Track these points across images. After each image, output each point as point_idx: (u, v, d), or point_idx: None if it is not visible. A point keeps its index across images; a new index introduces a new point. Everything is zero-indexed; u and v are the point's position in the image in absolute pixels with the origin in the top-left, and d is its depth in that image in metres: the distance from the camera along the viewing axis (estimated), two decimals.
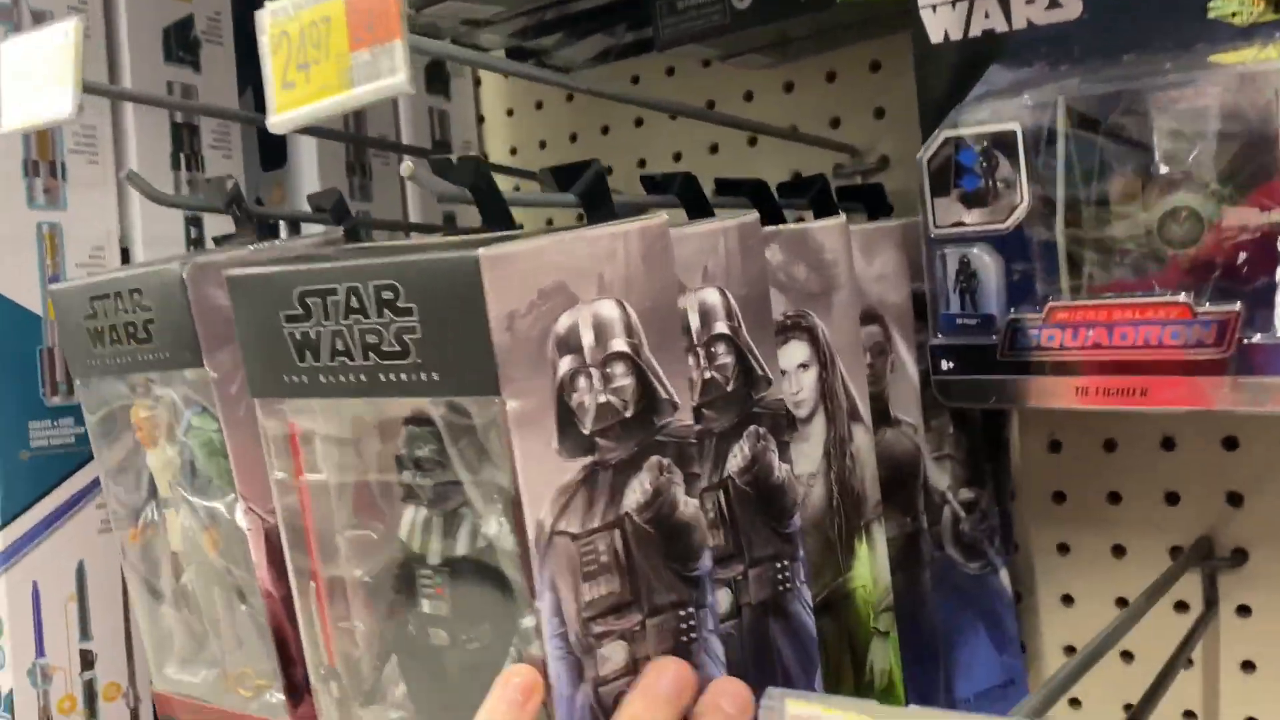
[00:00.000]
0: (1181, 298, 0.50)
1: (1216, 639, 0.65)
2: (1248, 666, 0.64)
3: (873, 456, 0.53)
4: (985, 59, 0.54)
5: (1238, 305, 0.48)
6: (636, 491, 0.40)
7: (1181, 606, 0.65)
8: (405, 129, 0.86)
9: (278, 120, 0.41)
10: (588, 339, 0.39)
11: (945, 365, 0.56)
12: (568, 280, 0.39)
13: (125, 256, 0.70)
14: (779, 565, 0.47)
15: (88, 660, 0.66)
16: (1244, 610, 0.64)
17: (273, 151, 0.82)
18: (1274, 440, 0.62)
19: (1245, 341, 0.48)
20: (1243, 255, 0.50)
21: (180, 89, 0.72)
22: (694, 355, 0.44)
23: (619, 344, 0.40)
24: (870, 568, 0.52)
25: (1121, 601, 0.67)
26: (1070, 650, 0.69)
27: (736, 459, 0.45)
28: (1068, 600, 0.69)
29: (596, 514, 0.39)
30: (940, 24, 0.56)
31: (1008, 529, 0.68)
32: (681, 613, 0.41)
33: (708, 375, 0.45)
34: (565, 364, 0.38)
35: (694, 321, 0.44)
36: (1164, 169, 0.52)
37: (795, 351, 0.50)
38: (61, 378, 0.65)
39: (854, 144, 0.75)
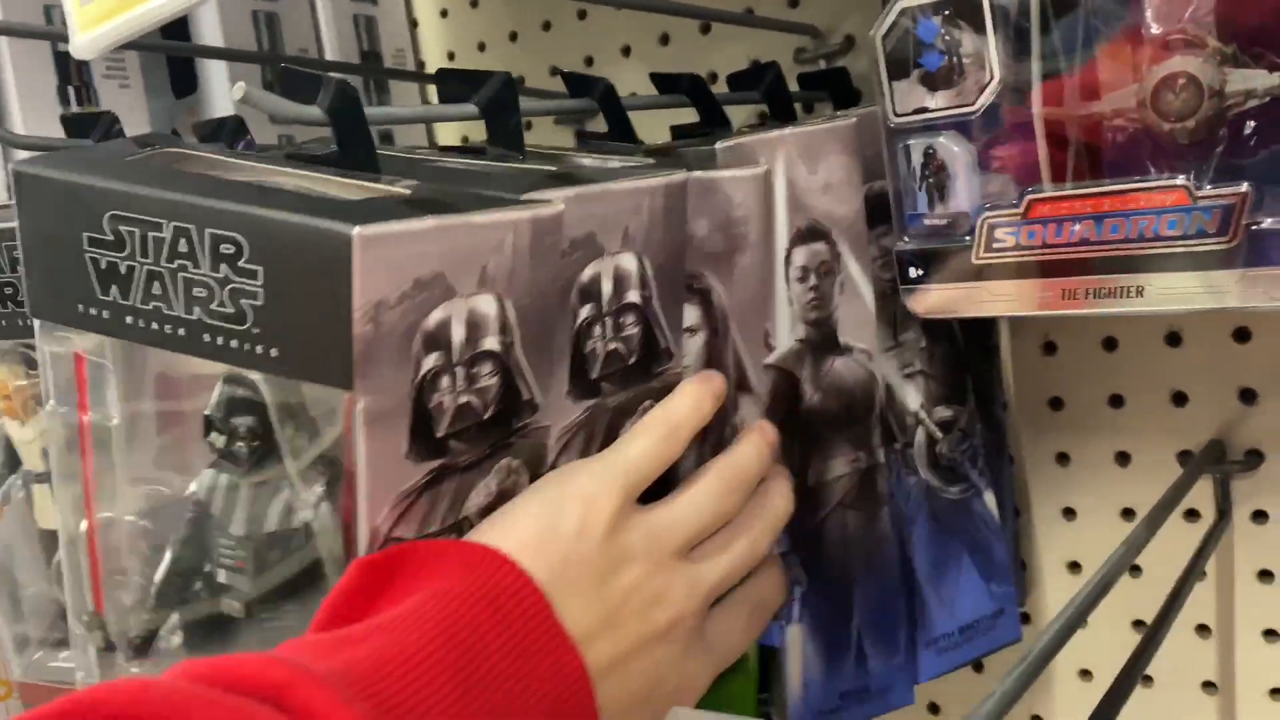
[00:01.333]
0: (1179, 180, 0.43)
1: (1230, 548, 0.59)
2: (1265, 575, 0.59)
3: None
4: None
5: (1244, 186, 0.41)
6: (481, 494, 0.36)
7: (1192, 515, 0.60)
8: (327, 41, 0.78)
9: (81, 42, 0.34)
10: (458, 336, 0.34)
11: (914, 273, 0.49)
12: (447, 271, 0.33)
13: None
14: None
15: None
16: (1260, 516, 0.58)
17: (183, 77, 0.75)
18: None
19: (1254, 228, 0.41)
20: (1250, 124, 0.43)
21: (61, 14, 0.65)
22: (600, 324, 0.40)
23: (490, 343, 0.35)
24: None
25: (1127, 513, 0.62)
26: (1074, 567, 0.64)
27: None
28: (1069, 514, 0.64)
29: (436, 518, 0.35)
30: None
31: (1000, 441, 0.62)
32: None
33: (612, 347, 0.40)
34: (429, 361, 0.34)
35: (606, 288, 0.40)
36: (1156, 29, 0.44)
37: (684, 315, 0.44)
38: None
39: (815, 24, 0.67)
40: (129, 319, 0.35)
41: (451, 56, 0.84)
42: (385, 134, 0.82)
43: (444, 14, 0.84)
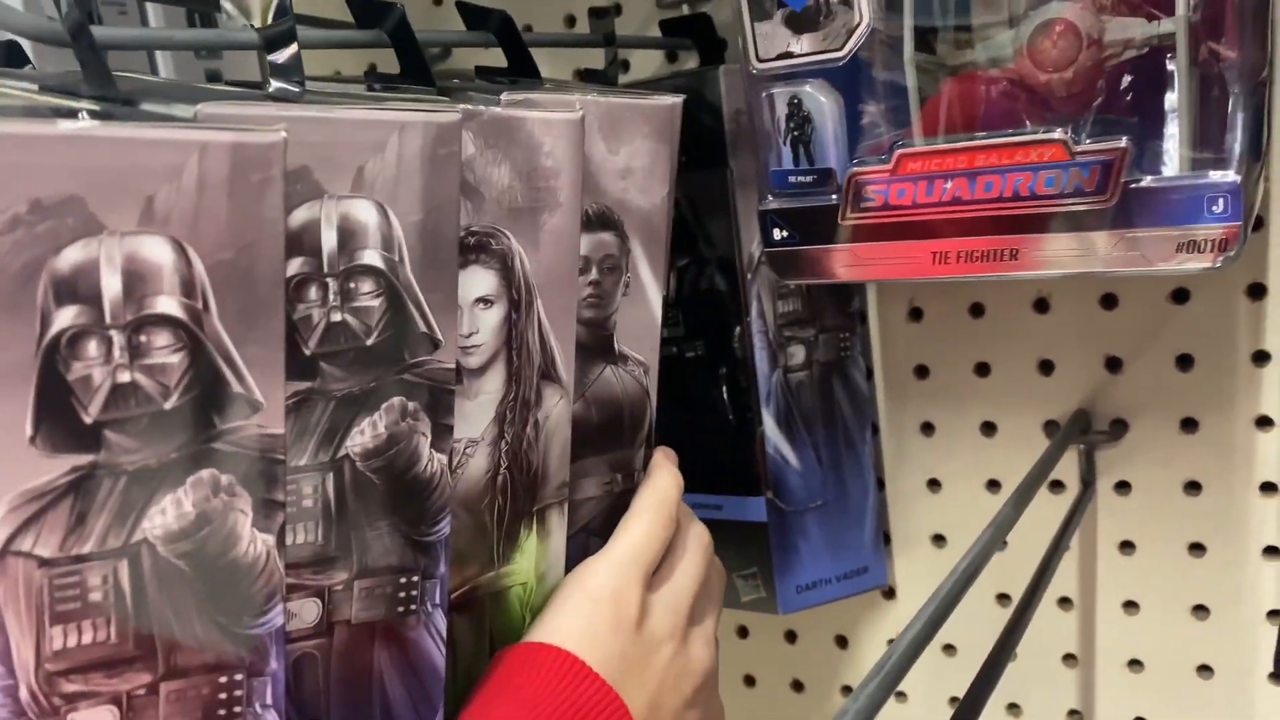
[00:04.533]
0: (1056, 134, 0.40)
1: (1094, 518, 0.58)
2: (1126, 547, 0.58)
3: (566, 428, 0.42)
4: None
5: (1124, 141, 0.39)
6: (168, 513, 0.29)
7: (1056, 486, 0.58)
8: None
9: None
10: (111, 287, 0.27)
11: (779, 234, 0.46)
12: (87, 196, 0.26)
13: None
14: (403, 581, 0.36)
15: None
16: (1123, 486, 0.57)
17: None
18: (1157, 295, 0.54)
19: (1132, 186, 0.39)
20: (1128, 77, 0.40)
21: None
22: (318, 287, 0.32)
23: (167, 305, 0.28)
24: (535, 562, 0.41)
25: (992, 484, 0.60)
26: (939, 539, 0.62)
27: (364, 435, 0.34)
28: (934, 485, 0.62)
29: (91, 535, 0.28)
30: None
31: (865, 410, 0.60)
32: (222, 679, 0.30)
33: (337, 318, 0.33)
34: (64, 317, 0.27)
35: (327, 240, 0.32)
36: None
37: (475, 282, 0.37)
38: None
39: None
40: None
41: None
42: (213, 74, 0.75)
43: None
